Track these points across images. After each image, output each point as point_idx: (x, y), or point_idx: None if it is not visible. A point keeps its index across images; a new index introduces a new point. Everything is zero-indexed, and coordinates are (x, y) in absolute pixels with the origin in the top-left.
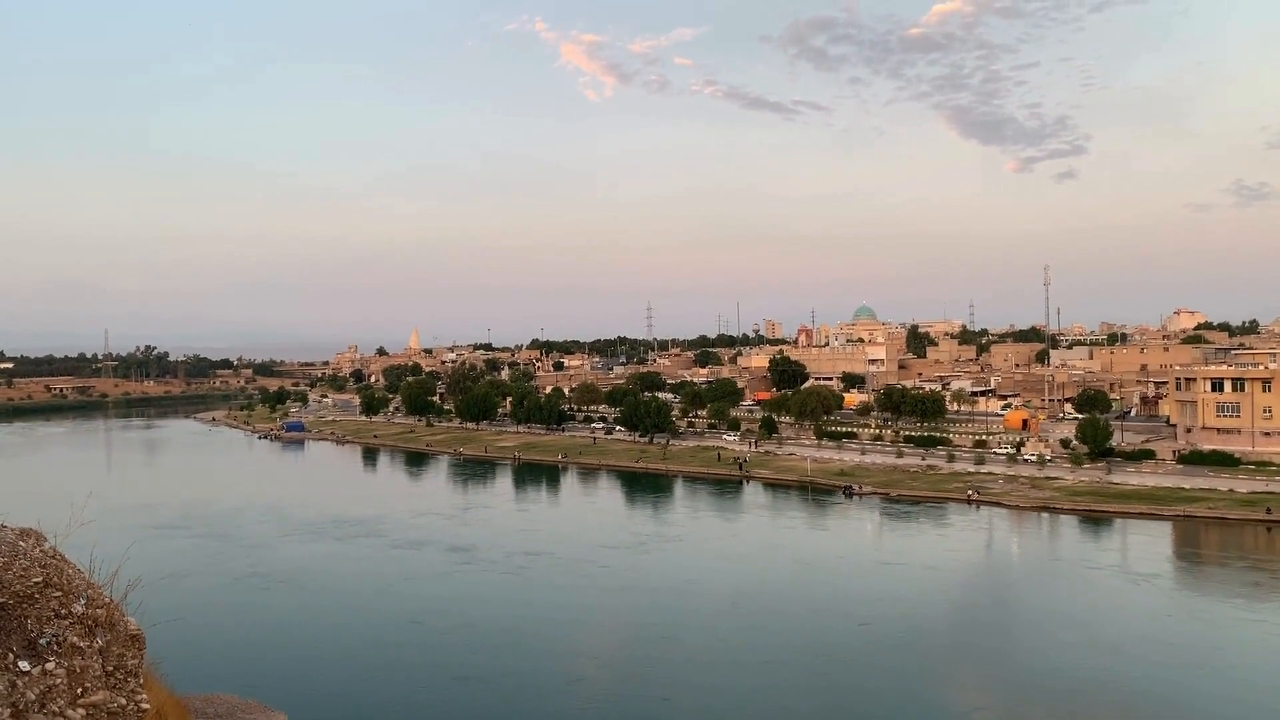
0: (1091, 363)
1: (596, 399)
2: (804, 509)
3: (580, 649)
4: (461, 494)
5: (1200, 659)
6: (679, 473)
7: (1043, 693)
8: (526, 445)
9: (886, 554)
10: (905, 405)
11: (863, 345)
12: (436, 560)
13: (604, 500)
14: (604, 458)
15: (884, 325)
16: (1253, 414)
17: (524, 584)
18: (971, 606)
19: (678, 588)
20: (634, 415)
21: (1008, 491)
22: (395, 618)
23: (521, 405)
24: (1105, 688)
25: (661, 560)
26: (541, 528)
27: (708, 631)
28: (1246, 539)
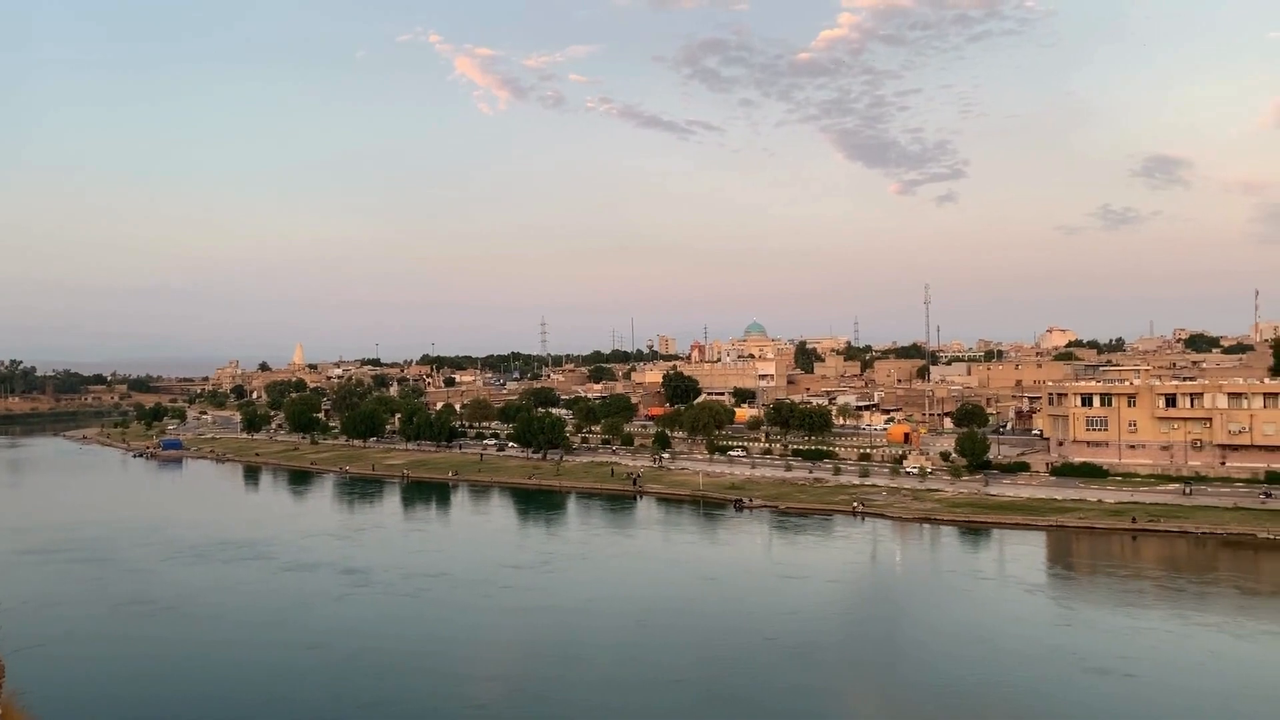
0: (970, 378)
1: (489, 415)
2: (697, 523)
3: (484, 672)
4: (351, 514)
5: (1097, 667)
6: (572, 489)
7: (936, 704)
8: (416, 463)
9: (788, 568)
10: (794, 420)
11: (753, 361)
12: (330, 583)
13: (499, 518)
14: (496, 475)
15: (774, 341)
16: (1119, 428)
17: (424, 606)
18: (869, 619)
19: (582, 606)
20: (527, 432)
21: (891, 503)
22: (291, 644)
23: (411, 422)
24: (999, 699)
25: (565, 579)
26: (438, 548)
27: (615, 651)
28: (1114, 547)
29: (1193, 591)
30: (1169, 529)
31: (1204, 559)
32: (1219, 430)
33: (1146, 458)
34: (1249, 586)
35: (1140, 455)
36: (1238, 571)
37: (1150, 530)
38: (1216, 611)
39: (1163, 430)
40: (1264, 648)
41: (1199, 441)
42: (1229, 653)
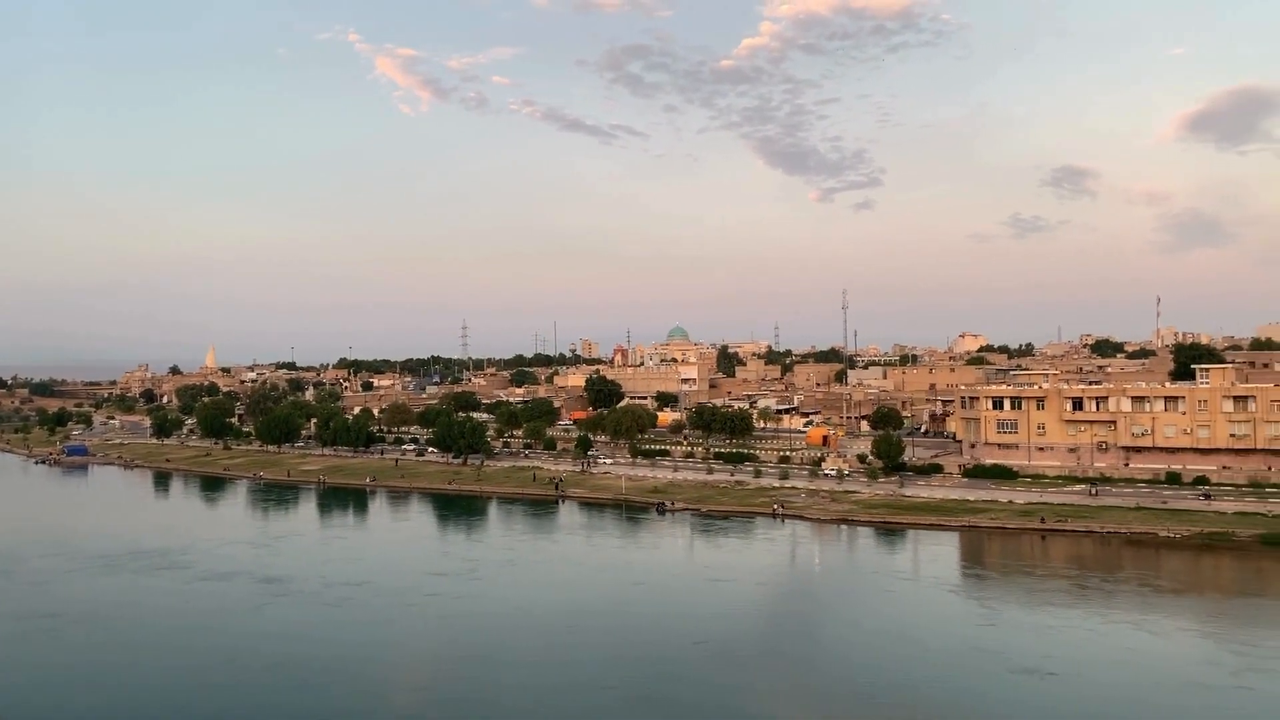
0: (886, 382)
1: (408, 420)
2: (620, 527)
3: (410, 682)
4: (267, 520)
5: (1021, 666)
6: (494, 494)
7: (865, 704)
8: (333, 468)
9: (716, 570)
10: (715, 423)
11: (676, 365)
12: (249, 593)
13: (420, 525)
14: (416, 480)
15: (696, 345)
16: (1029, 430)
17: (346, 615)
18: (794, 620)
19: (510, 613)
20: (447, 436)
21: (810, 505)
22: (209, 657)
23: (327, 427)
24: (925, 698)
25: (491, 585)
26: (359, 555)
27: (544, 657)
28: (1025, 547)
29: (1104, 589)
30: (1076, 529)
31: (1110, 557)
32: (1123, 432)
33: (1055, 459)
34: (1158, 584)
35: (1049, 457)
36: (1144, 569)
37: (1058, 530)
38: (1129, 609)
39: (1070, 433)
40: (1176, 644)
41: (1104, 443)
42: (1145, 649)
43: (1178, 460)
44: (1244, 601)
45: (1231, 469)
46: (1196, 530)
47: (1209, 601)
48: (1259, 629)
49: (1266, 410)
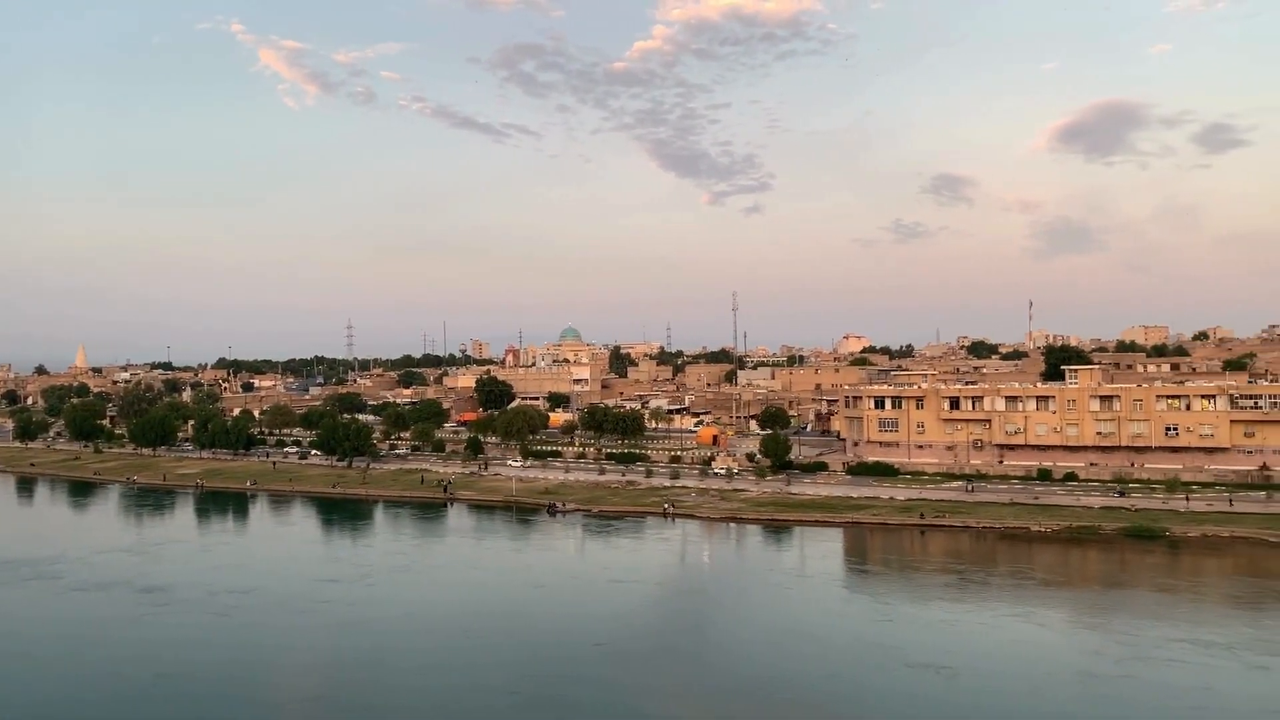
0: (774, 382)
1: (291, 422)
2: (510, 529)
3: (302, 693)
4: (144, 527)
5: (916, 661)
6: (380, 497)
7: (757, 697)
8: (211, 472)
9: (616, 571)
10: (608, 424)
11: (568, 366)
12: (129, 603)
13: (306, 529)
14: (298, 483)
15: (589, 346)
16: (909, 429)
17: (233, 625)
18: (693, 619)
19: (405, 619)
20: (331, 438)
21: (700, 504)
22: (90, 670)
23: (205, 429)
24: (822, 694)
25: (385, 591)
26: (244, 562)
27: (444, 662)
28: (905, 542)
29: (989, 583)
30: (954, 524)
31: (986, 552)
32: (997, 431)
33: (933, 457)
34: (1038, 577)
35: (928, 455)
36: (1020, 563)
37: (937, 525)
38: (1015, 602)
39: (948, 431)
40: (1063, 635)
41: (980, 441)
42: (1034, 641)
43: (1048, 457)
44: (1119, 593)
45: (1098, 465)
46: (1066, 525)
47: (1086, 594)
48: (1136, 619)
49: (1130, 410)
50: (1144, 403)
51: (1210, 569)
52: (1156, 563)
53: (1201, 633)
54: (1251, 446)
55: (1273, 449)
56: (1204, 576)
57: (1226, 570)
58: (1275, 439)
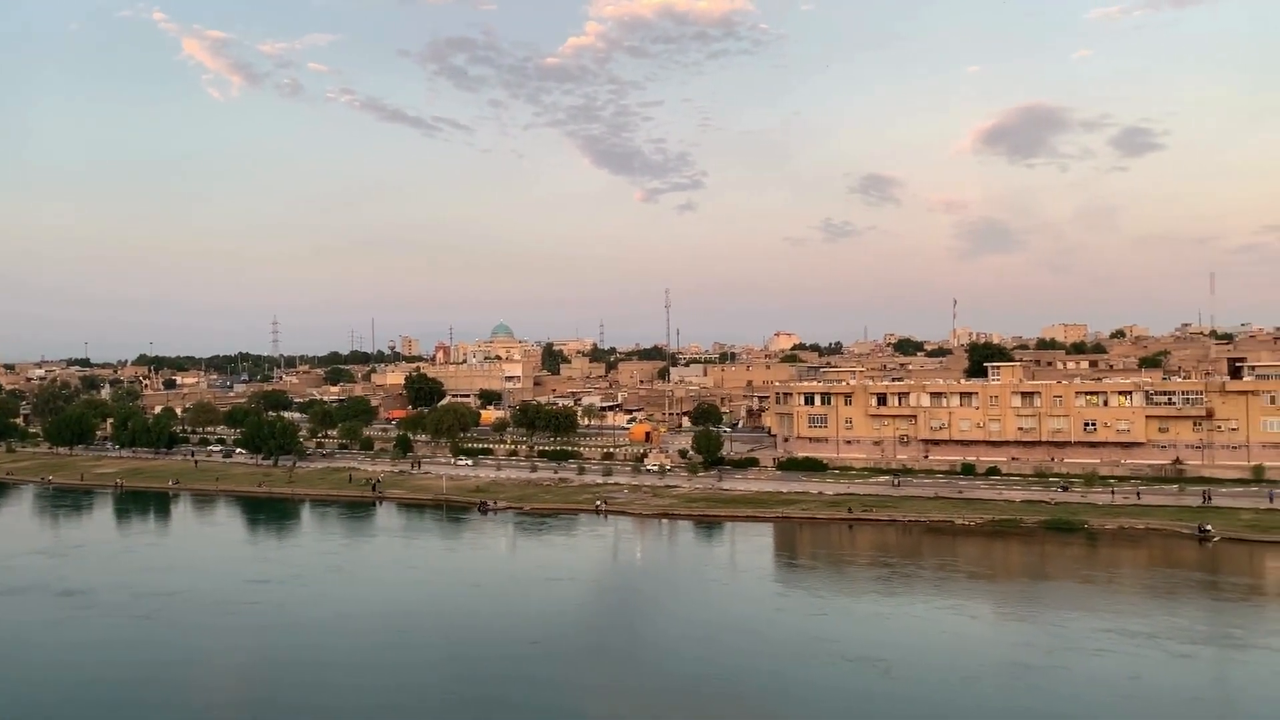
0: (706, 379)
1: (215, 420)
2: (441, 528)
3: (231, 697)
4: (60, 528)
5: (854, 654)
6: (307, 496)
7: (693, 693)
8: (132, 471)
9: (550, 569)
10: (540, 421)
11: (500, 362)
12: (47, 607)
13: (232, 530)
14: (223, 482)
15: (521, 343)
16: (837, 425)
17: (159, 629)
18: (627, 614)
19: (341, 619)
20: (256, 437)
21: (633, 500)
22: (6, 675)
23: (125, 427)
24: (756, 689)
25: (319, 592)
26: (169, 563)
27: (379, 663)
28: (833, 536)
29: (921, 577)
30: (880, 518)
31: (912, 545)
32: (923, 426)
33: (861, 452)
34: (968, 570)
35: (856, 450)
36: (945, 556)
37: (865, 519)
38: (946, 594)
39: (875, 427)
40: (993, 627)
41: (906, 437)
42: (966, 632)
43: (972, 452)
44: (1045, 585)
45: (1019, 460)
46: (989, 518)
47: (1013, 586)
48: (1062, 610)
49: (1050, 405)
50: (1064, 399)
51: (1127, 560)
52: (1076, 554)
53: (1126, 623)
54: (1165, 441)
55: (1185, 444)
56: (1122, 568)
57: (1142, 561)
58: (1187, 434)
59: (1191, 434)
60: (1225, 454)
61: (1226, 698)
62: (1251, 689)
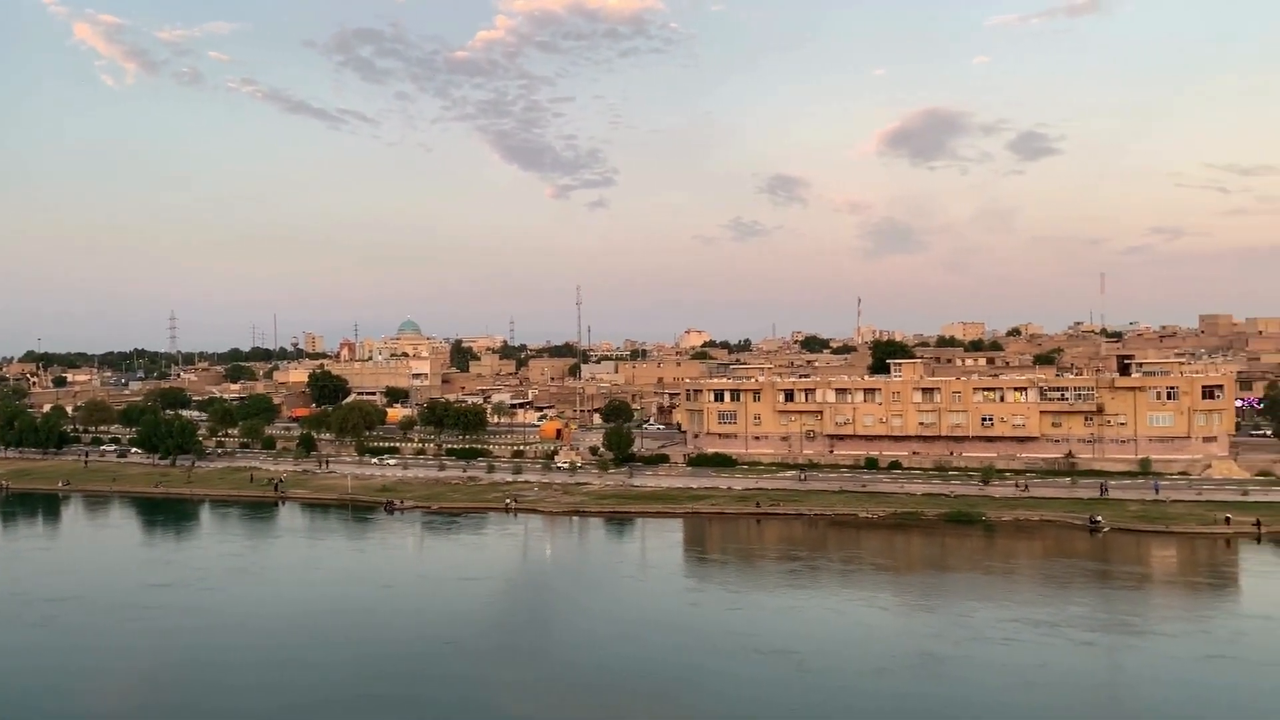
0: (617, 376)
1: (108, 418)
2: (348, 528)
3: (135, 701)
4: None
5: (764, 646)
6: (206, 497)
7: (605, 687)
8: (18, 472)
9: (463, 568)
10: (448, 419)
11: (407, 360)
12: None
13: (129, 531)
14: (117, 483)
15: (429, 340)
16: (746, 421)
17: (54, 636)
18: (540, 611)
19: (248, 622)
20: (153, 436)
21: (543, 498)
22: None
23: (11, 426)
24: (673, 684)
25: (225, 595)
26: (62, 567)
27: (290, 666)
28: (742, 530)
29: (832, 569)
30: (787, 512)
31: (818, 538)
32: (828, 422)
33: (769, 447)
34: (875, 562)
35: (764, 445)
36: (854, 549)
37: (772, 514)
38: (858, 587)
39: (783, 423)
40: (903, 618)
41: (812, 432)
42: (877, 624)
43: (875, 447)
44: (951, 576)
45: (920, 454)
46: (891, 511)
47: (920, 577)
48: (969, 601)
49: (949, 401)
50: (962, 395)
51: (1024, 551)
52: (975, 546)
53: (1030, 612)
54: (1058, 436)
55: (1077, 438)
56: (1020, 558)
57: (1038, 552)
58: (1079, 429)
59: (1083, 429)
60: (1115, 448)
61: (1128, 682)
62: (1150, 673)
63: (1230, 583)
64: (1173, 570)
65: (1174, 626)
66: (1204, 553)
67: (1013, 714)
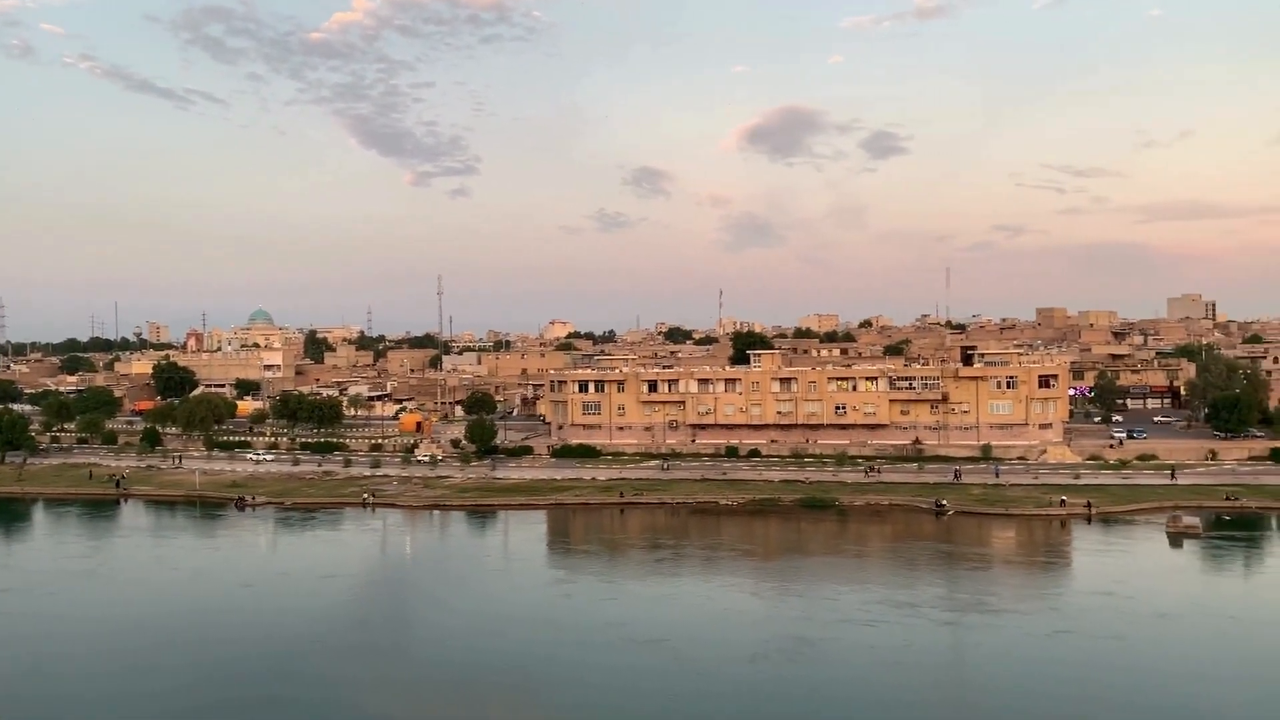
0: (480, 367)
1: None
2: (197, 526)
3: None
4: None
5: (638, 636)
6: (40, 495)
7: (473, 683)
8: None
9: (324, 566)
10: (303, 412)
11: (259, 351)
12: None
13: None
14: None
15: (282, 330)
16: (611, 411)
17: None
18: (401, 607)
19: (95, 626)
20: None
21: (402, 492)
22: None
23: None
24: (542, 677)
25: (70, 599)
26: None
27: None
28: (605, 520)
29: (703, 557)
30: (650, 501)
31: (680, 526)
32: (691, 412)
33: (633, 438)
34: (742, 548)
35: (628, 436)
36: (716, 536)
37: (635, 503)
38: (729, 574)
39: (646, 413)
40: (773, 603)
41: (675, 422)
42: (748, 609)
43: (735, 436)
44: (814, 560)
45: (778, 442)
46: (750, 498)
47: (785, 562)
48: (833, 584)
49: (806, 391)
50: (818, 384)
51: (876, 534)
52: (830, 530)
53: (893, 594)
54: (906, 423)
55: (924, 425)
56: (874, 541)
57: (889, 535)
58: (925, 416)
59: (929, 416)
60: (959, 434)
61: (985, 659)
62: (1004, 650)
63: (1067, 561)
64: (1014, 550)
65: (1026, 605)
66: (1040, 533)
67: (879, 694)
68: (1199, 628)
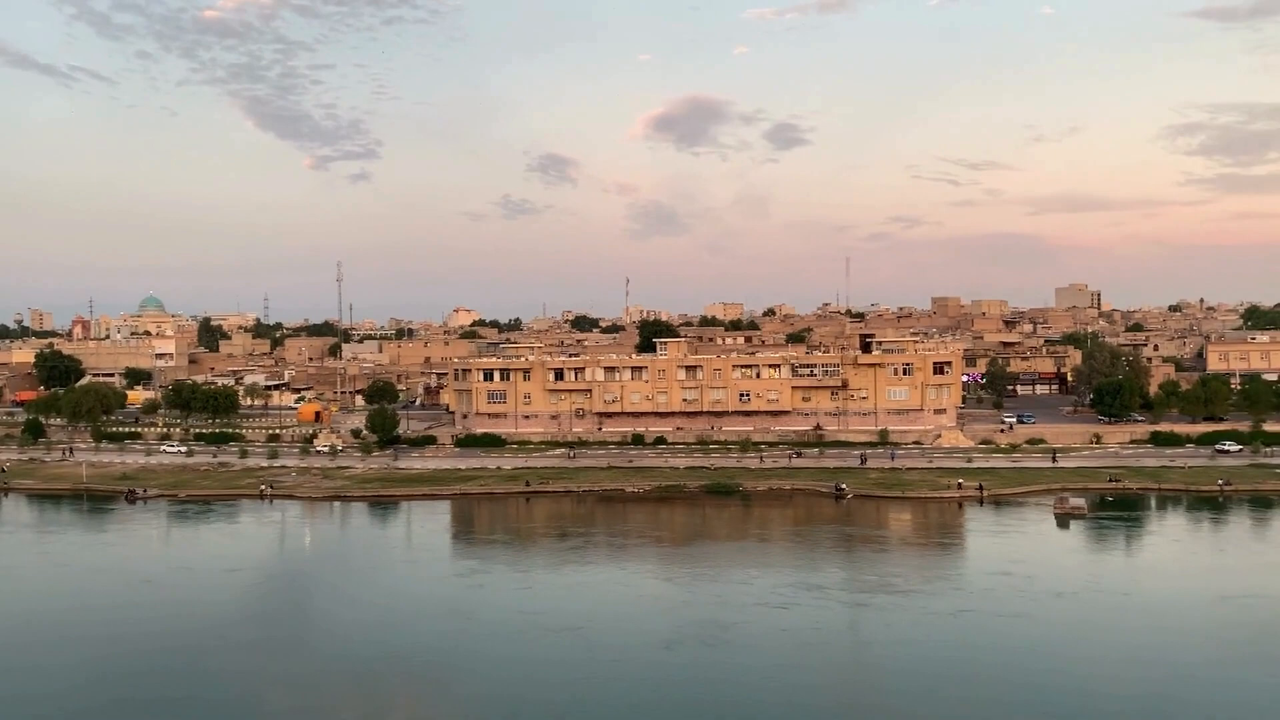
0: (382, 356)
1: None
2: (85, 521)
3: None
4: None
5: (554, 625)
6: None
7: (382, 675)
8: None
9: (226, 560)
10: (196, 401)
11: (150, 338)
12: None
13: None
14: None
15: (174, 318)
16: (516, 400)
17: None
18: (303, 600)
19: None
20: None
21: (301, 484)
22: None
23: None
24: (448, 668)
25: None
26: None
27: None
28: (511, 510)
29: (615, 544)
30: (556, 489)
31: (587, 514)
32: (597, 399)
33: (539, 426)
34: (652, 535)
35: (534, 424)
36: (623, 523)
37: (541, 492)
38: (641, 560)
39: (553, 401)
40: (689, 588)
41: (582, 410)
42: (665, 595)
43: (642, 423)
44: (720, 545)
45: (684, 429)
46: (656, 485)
47: (690, 548)
48: (743, 569)
49: (711, 378)
50: (722, 372)
51: (779, 518)
52: (735, 515)
53: (803, 577)
54: (808, 410)
55: (825, 411)
56: (777, 525)
57: (790, 520)
58: (826, 403)
59: (830, 402)
60: (857, 420)
61: (893, 639)
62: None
63: (963, 543)
64: (913, 532)
65: (930, 586)
66: (936, 515)
67: (794, 676)
68: (1094, 605)
